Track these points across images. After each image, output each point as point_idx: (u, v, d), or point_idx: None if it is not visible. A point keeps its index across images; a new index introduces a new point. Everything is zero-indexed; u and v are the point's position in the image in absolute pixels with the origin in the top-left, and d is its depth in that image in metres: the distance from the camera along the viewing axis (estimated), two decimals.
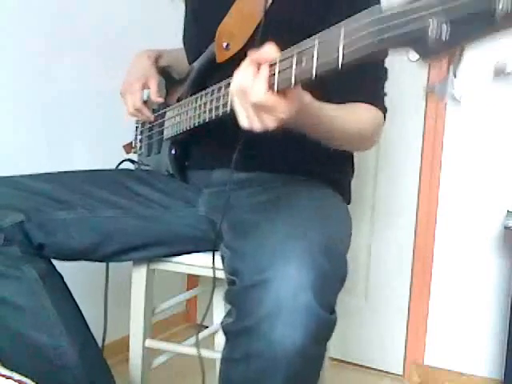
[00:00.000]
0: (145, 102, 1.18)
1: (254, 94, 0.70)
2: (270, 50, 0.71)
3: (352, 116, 0.94)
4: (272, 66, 0.70)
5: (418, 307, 1.87)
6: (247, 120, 0.74)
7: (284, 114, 0.71)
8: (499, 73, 0.59)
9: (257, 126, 0.73)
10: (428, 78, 1.79)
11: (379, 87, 1.03)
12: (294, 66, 0.67)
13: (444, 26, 0.47)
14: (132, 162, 1.32)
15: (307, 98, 0.76)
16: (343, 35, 0.60)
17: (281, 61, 0.69)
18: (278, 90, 0.70)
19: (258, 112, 0.72)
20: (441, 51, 0.49)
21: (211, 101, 0.93)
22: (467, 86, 1.58)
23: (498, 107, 1.69)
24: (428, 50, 0.49)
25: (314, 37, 0.65)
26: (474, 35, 0.46)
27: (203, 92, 0.96)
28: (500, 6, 0.42)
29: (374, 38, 0.55)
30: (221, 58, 1.05)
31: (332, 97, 0.89)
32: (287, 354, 0.73)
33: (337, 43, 0.60)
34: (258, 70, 0.71)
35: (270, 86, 0.70)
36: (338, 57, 0.60)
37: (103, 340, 1.14)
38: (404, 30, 0.51)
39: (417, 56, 0.51)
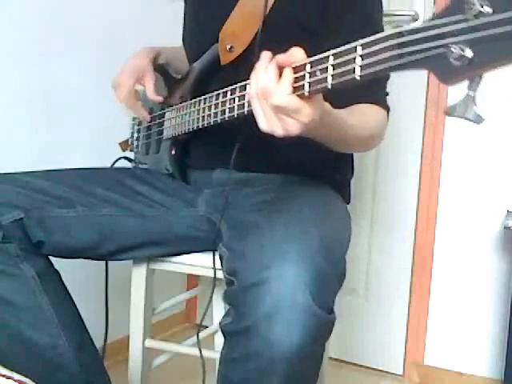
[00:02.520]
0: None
1: (276, 97, 0.68)
2: (297, 54, 0.70)
3: (363, 120, 0.93)
4: (295, 69, 0.69)
5: (417, 307, 1.86)
6: (267, 124, 0.71)
7: (308, 118, 0.69)
8: None
9: (278, 131, 0.71)
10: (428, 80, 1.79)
11: (382, 86, 1.03)
12: (329, 70, 0.65)
13: (466, 51, 0.46)
14: (129, 159, 1.32)
15: (327, 105, 0.75)
16: (360, 57, 0.59)
17: (312, 65, 0.67)
18: (309, 93, 0.67)
19: (280, 115, 0.70)
20: (461, 76, 0.48)
21: (216, 105, 0.92)
22: (489, 102, 1.55)
23: (497, 107, 1.69)
24: (448, 75, 0.49)
25: (329, 52, 0.65)
26: (496, 60, 0.45)
27: (208, 95, 0.95)
28: None
29: (393, 62, 0.55)
30: (224, 60, 1.05)
31: (337, 99, 0.89)
32: (285, 353, 0.73)
33: (353, 64, 0.61)
34: (280, 72, 0.70)
35: (294, 90, 0.68)
36: (355, 78, 0.61)
37: (105, 340, 1.15)
38: (425, 55, 0.51)
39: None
